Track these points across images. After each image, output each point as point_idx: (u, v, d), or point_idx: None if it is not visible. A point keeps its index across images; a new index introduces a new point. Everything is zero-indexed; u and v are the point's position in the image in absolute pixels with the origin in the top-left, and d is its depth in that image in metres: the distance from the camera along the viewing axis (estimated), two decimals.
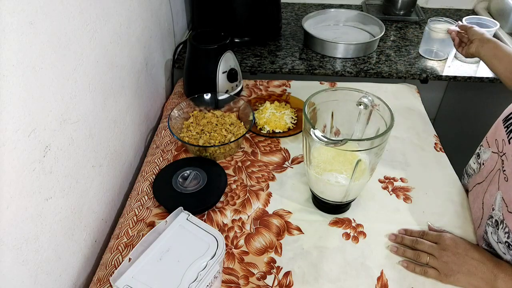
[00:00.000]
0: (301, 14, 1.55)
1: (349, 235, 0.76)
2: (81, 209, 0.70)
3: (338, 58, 1.27)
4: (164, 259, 0.58)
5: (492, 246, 0.68)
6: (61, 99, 0.62)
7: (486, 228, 0.69)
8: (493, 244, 0.67)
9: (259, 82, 1.18)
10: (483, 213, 0.71)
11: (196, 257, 0.58)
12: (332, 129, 0.79)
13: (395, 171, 0.89)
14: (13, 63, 0.50)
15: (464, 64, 1.25)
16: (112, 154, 0.82)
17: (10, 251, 0.53)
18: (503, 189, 0.66)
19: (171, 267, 0.56)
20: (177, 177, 0.83)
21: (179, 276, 0.55)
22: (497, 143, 0.71)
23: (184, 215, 0.63)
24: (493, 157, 0.72)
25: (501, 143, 0.69)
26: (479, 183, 0.75)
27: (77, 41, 0.65)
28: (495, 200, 0.67)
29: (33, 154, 0.56)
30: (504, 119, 0.70)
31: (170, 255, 0.58)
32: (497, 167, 0.69)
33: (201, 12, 1.34)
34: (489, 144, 0.74)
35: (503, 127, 0.69)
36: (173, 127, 0.92)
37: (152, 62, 1.04)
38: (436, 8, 1.62)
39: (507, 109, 0.71)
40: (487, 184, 0.71)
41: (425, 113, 1.08)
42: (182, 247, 0.59)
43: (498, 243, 0.66)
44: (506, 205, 0.64)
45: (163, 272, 0.56)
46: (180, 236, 0.60)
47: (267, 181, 0.87)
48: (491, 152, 0.73)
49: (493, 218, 0.68)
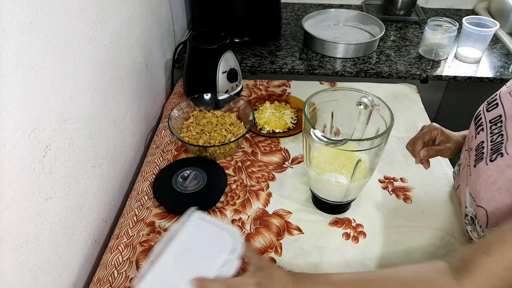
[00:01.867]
0: (301, 14, 1.55)
1: (349, 235, 0.76)
2: (81, 209, 0.70)
3: (338, 58, 1.27)
4: (183, 260, 0.57)
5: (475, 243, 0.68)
6: (61, 99, 0.62)
7: (466, 227, 0.70)
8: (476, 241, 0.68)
9: (259, 82, 1.18)
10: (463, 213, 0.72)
11: (215, 254, 0.58)
12: (332, 129, 0.79)
13: (395, 171, 0.89)
14: (13, 63, 0.50)
15: (464, 64, 1.25)
16: (112, 154, 0.82)
17: (10, 251, 0.53)
18: (469, 183, 0.67)
19: (192, 267, 0.56)
20: (177, 177, 0.83)
21: (201, 274, 0.55)
22: (468, 140, 0.72)
23: (197, 215, 0.63)
24: (465, 155, 0.73)
25: (470, 139, 0.71)
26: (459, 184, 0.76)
27: (77, 41, 0.65)
28: (466, 196, 0.68)
29: (33, 154, 0.56)
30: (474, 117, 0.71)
31: (189, 255, 0.58)
32: (466, 163, 0.70)
33: (201, 12, 1.34)
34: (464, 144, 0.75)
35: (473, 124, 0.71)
36: (173, 127, 0.92)
37: (152, 62, 1.04)
38: (436, 8, 1.62)
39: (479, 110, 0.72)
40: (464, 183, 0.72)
41: (425, 113, 1.08)
42: (200, 246, 0.59)
43: (479, 239, 0.66)
44: (474, 199, 0.65)
45: (184, 272, 0.56)
46: (196, 236, 0.60)
47: (267, 181, 0.87)
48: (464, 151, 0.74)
49: (468, 216, 0.68)
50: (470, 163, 0.68)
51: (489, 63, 1.25)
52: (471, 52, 1.24)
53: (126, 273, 0.69)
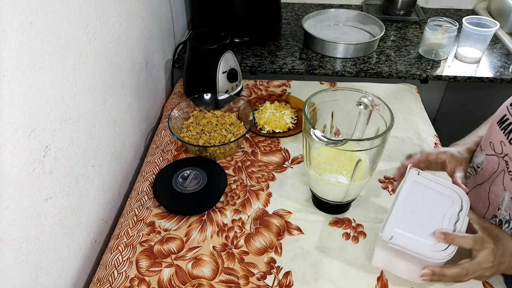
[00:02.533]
0: (301, 14, 1.55)
1: (349, 235, 0.76)
2: (81, 209, 0.70)
3: (338, 58, 1.27)
4: (416, 212, 0.62)
5: None
6: (61, 99, 0.62)
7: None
8: None
9: (259, 82, 1.18)
10: (487, 212, 0.72)
11: (445, 209, 0.62)
12: (332, 129, 0.79)
13: (395, 171, 0.89)
14: (13, 63, 0.50)
15: (464, 64, 1.25)
16: (112, 154, 0.82)
17: (10, 251, 0.53)
18: (509, 189, 0.66)
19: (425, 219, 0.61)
20: (177, 177, 0.83)
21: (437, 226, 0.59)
22: (492, 145, 0.71)
23: (414, 171, 0.67)
24: (490, 159, 0.72)
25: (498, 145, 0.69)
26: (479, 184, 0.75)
27: (77, 41, 0.65)
28: (503, 200, 0.67)
29: (33, 154, 0.56)
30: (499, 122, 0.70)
31: (420, 209, 0.62)
32: (500, 168, 0.69)
33: (201, 12, 1.34)
34: (481, 148, 0.75)
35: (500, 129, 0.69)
36: (173, 127, 0.92)
37: (152, 62, 1.04)
38: (436, 8, 1.62)
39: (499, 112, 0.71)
40: (489, 185, 0.71)
41: (425, 113, 1.08)
42: (427, 201, 0.63)
43: None
44: None
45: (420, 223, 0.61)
46: (420, 191, 0.64)
47: (267, 181, 0.87)
48: (485, 155, 0.73)
49: (497, 218, 0.68)
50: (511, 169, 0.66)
51: (489, 63, 1.25)
52: (471, 52, 1.24)
53: (126, 273, 0.69)
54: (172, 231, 0.76)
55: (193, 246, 0.74)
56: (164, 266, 0.70)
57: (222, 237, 0.75)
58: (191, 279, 0.68)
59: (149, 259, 0.71)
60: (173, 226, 0.77)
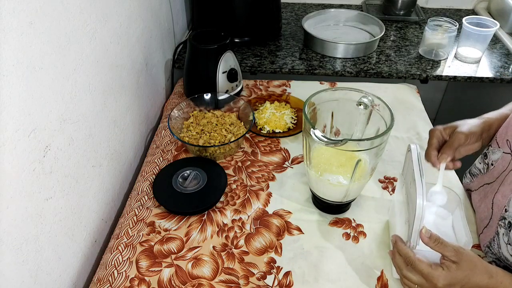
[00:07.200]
0: (301, 14, 1.55)
1: (349, 235, 0.76)
2: (81, 209, 0.70)
3: (338, 58, 1.27)
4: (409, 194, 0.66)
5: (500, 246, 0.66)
6: (61, 99, 0.62)
7: (498, 229, 0.68)
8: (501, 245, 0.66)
9: (259, 82, 1.18)
10: (493, 214, 0.70)
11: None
12: (332, 129, 0.79)
13: (395, 171, 0.89)
14: (13, 63, 0.50)
15: (464, 64, 1.25)
16: (112, 154, 0.82)
17: (10, 251, 0.53)
18: None
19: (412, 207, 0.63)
20: (177, 177, 0.83)
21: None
22: (509, 143, 0.70)
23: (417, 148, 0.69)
24: (505, 157, 0.70)
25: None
26: (488, 183, 0.74)
27: (77, 41, 0.65)
28: (509, 201, 0.65)
29: (33, 154, 0.56)
30: None
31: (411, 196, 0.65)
32: (510, 167, 0.68)
33: (201, 12, 1.34)
34: (498, 144, 0.72)
35: None
36: (173, 127, 0.92)
37: (152, 62, 1.04)
38: (436, 8, 1.62)
39: None
40: (498, 185, 0.70)
41: (425, 113, 1.08)
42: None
43: (508, 244, 0.64)
44: None
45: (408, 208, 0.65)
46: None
47: (267, 181, 0.87)
48: (502, 153, 0.71)
49: (506, 220, 0.66)
50: None
51: (489, 63, 1.25)
52: (471, 52, 1.24)
53: (126, 273, 0.69)
54: (172, 231, 0.76)
55: (193, 246, 0.74)
56: (164, 266, 0.70)
57: (222, 237, 0.75)
58: (191, 279, 0.68)
59: (149, 259, 0.71)
60: (173, 226, 0.77)
